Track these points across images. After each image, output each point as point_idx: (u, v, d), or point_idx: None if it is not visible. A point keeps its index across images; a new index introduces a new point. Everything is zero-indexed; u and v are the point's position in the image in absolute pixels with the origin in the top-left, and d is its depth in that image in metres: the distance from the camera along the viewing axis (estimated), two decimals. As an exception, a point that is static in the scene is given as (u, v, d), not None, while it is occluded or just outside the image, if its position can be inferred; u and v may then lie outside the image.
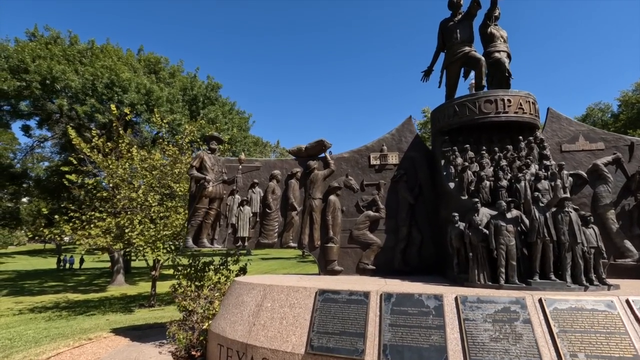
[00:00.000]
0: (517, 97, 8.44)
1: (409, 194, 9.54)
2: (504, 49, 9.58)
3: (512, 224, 6.55)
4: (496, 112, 8.39)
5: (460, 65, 9.70)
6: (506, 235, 6.46)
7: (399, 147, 10.15)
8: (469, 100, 8.69)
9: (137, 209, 18.30)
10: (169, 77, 33.17)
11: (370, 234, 9.62)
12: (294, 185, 10.04)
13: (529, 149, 8.46)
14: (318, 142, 10.10)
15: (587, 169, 8.99)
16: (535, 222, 6.34)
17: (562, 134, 9.46)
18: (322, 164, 10.27)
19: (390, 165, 10.04)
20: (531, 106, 8.60)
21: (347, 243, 9.68)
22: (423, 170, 9.77)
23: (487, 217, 7.09)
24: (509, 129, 8.96)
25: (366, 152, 10.22)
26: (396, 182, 9.80)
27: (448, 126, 9.05)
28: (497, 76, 9.37)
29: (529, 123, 8.64)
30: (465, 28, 9.65)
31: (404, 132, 10.25)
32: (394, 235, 9.53)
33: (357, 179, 10.09)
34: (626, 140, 9.23)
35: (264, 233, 9.85)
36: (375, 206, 9.76)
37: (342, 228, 9.75)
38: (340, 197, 9.96)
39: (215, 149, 9.83)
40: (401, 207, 9.60)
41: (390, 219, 9.65)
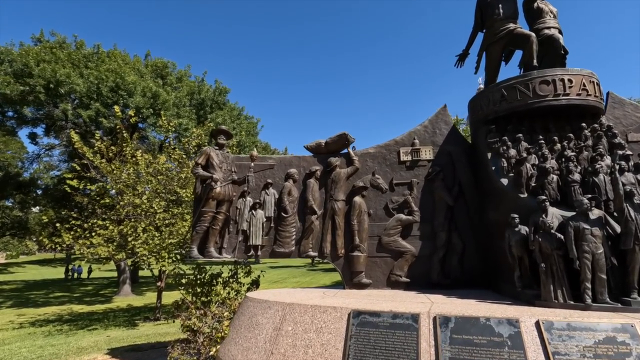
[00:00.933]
0: (580, 76, 7.10)
1: (446, 194, 8.20)
2: (555, 25, 8.27)
3: (597, 226, 5.17)
4: (555, 95, 7.05)
5: (504, 45, 8.41)
6: (591, 241, 5.08)
7: (433, 140, 8.84)
8: (520, 82, 7.36)
9: (142, 216, 17.21)
10: (176, 81, 32.48)
11: (402, 240, 8.28)
12: (313, 186, 8.78)
13: (597, 138, 7.08)
14: (340, 136, 8.85)
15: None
16: (631, 224, 4.96)
17: (627, 122, 8.06)
18: (344, 161, 9.00)
19: (424, 162, 8.72)
20: (595, 87, 7.24)
21: (375, 252, 8.35)
22: (463, 166, 8.42)
23: (557, 219, 5.72)
24: (567, 115, 7.60)
25: (395, 146, 8.94)
26: (431, 181, 8.48)
27: (494, 113, 7.73)
28: (550, 55, 8.04)
29: (594, 107, 7.27)
30: (508, 3, 8.38)
31: (439, 124, 8.94)
32: (430, 242, 8.18)
33: (386, 177, 8.79)
34: None
35: (279, 240, 8.57)
36: (407, 209, 8.43)
37: (369, 234, 8.43)
38: (367, 198, 8.67)
39: (223, 145, 8.63)
40: (438, 210, 8.25)
41: (426, 224, 8.31)
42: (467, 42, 9.37)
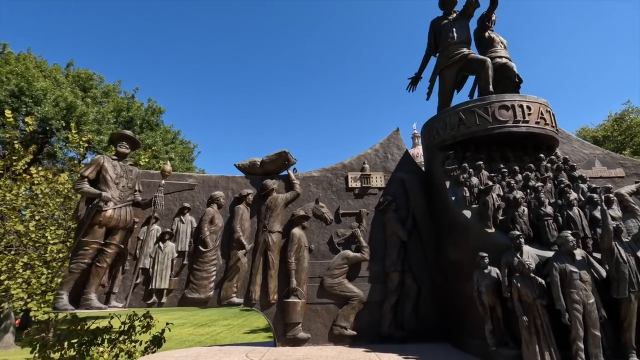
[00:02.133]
0: (537, 104, 6.67)
1: (400, 228, 7.06)
2: (506, 54, 8.04)
3: (585, 269, 4.25)
4: (515, 121, 6.48)
5: (459, 70, 7.92)
6: (581, 288, 4.12)
7: (385, 166, 7.82)
8: (479, 106, 6.73)
9: (27, 247, 13.64)
10: (102, 96, 29.00)
11: (348, 283, 6.84)
12: (243, 213, 7.10)
13: (556, 170, 6.57)
14: (279, 154, 7.42)
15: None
16: (624, 267, 4.11)
17: (576, 158, 7.83)
18: (283, 185, 7.53)
19: (374, 189, 7.59)
20: (552, 117, 6.86)
21: (316, 297, 6.77)
22: (417, 196, 7.44)
23: (534, 259, 4.76)
24: (523, 145, 7.10)
25: (343, 170, 7.73)
26: (382, 212, 7.33)
27: (452, 139, 6.96)
28: (502, 83, 7.67)
29: (551, 138, 6.84)
30: (462, 28, 8.02)
31: (391, 148, 8.00)
32: (381, 286, 6.86)
33: (331, 206, 7.45)
34: (647, 167, 7.86)
35: (193, 283, 6.60)
36: (355, 244, 7.10)
37: (309, 275, 6.87)
38: (308, 230, 7.19)
39: (125, 154, 6.56)
40: (390, 246, 7.05)
41: (376, 262, 7.01)
42: (420, 65, 8.84)
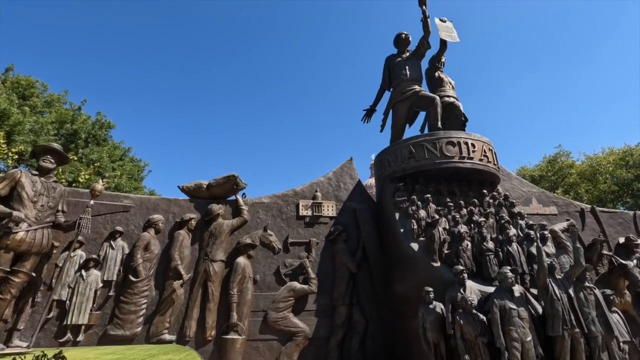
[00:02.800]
0: (481, 142, 7.03)
1: (349, 259, 6.89)
2: (454, 94, 8.54)
3: (523, 305, 4.30)
4: (460, 157, 6.75)
5: (410, 106, 8.23)
6: (519, 325, 4.13)
7: (337, 195, 7.73)
8: (428, 140, 6.96)
9: None
10: (44, 105, 26.86)
11: (294, 317, 6.46)
12: (184, 239, 6.56)
13: (498, 206, 6.85)
14: (228, 178, 7.07)
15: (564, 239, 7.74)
16: (557, 304, 4.21)
17: (515, 195, 8.30)
18: (230, 210, 7.13)
19: (326, 218, 7.43)
20: (494, 156, 7.25)
21: (258, 333, 6.28)
22: (368, 226, 7.37)
23: (476, 295, 4.77)
24: (469, 181, 7.40)
25: (294, 197, 7.52)
26: (333, 242, 7.15)
27: (402, 171, 7.07)
28: (450, 121, 8.07)
29: (493, 175, 7.19)
30: (414, 66, 8.44)
31: (344, 177, 7.97)
32: (328, 320, 6.54)
33: (280, 234, 7.15)
34: (576, 206, 8.48)
35: (118, 317, 5.85)
36: (303, 275, 6.80)
37: (253, 308, 6.40)
38: (254, 260, 6.79)
39: (49, 170, 5.82)
40: (339, 278, 6.82)
41: (324, 295, 6.73)
42: (375, 98, 9.11)
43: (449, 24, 8.60)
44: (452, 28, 8.54)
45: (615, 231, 8.13)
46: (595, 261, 7.66)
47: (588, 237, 7.95)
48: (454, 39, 8.40)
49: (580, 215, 8.24)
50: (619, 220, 8.32)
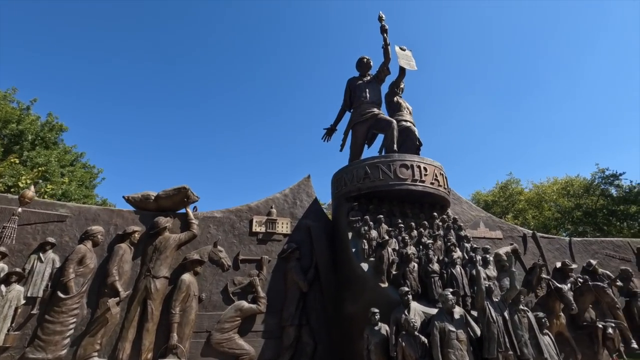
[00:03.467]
0: (433, 166, 7.30)
1: (301, 278, 6.77)
2: (411, 119, 8.89)
3: (462, 328, 4.39)
4: (413, 180, 6.96)
5: (368, 127, 8.46)
6: (457, 348, 4.20)
7: (293, 212, 7.66)
8: (383, 162, 7.13)
9: None
10: (-14, 102, 24.82)
11: (239, 339, 6.18)
12: (124, 254, 6.15)
13: (447, 229, 7.08)
14: (178, 190, 6.78)
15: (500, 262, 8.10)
16: (493, 326, 4.34)
17: (465, 218, 8.66)
18: (179, 224, 6.82)
19: (279, 236, 7.30)
20: (445, 180, 7.55)
21: (200, 355, 5.93)
22: (322, 245, 7.33)
23: (420, 317, 4.82)
24: (421, 204, 7.62)
25: (248, 213, 7.34)
26: (285, 260, 7.01)
27: (357, 191, 7.16)
28: (406, 145, 8.35)
29: (443, 199, 7.46)
30: (374, 90, 8.74)
31: (300, 194, 7.93)
32: (276, 342, 6.33)
33: (231, 251, 6.91)
34: (519, 232, 8.97)
35: (40, 339, 5.29)
36: (252, 294, 6.58)
37: (195, 329, 6.06)
38: (201, 277, 6.48)
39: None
40: (289, 297, 6.67)
41: (273, 315, 6.53)
42: (335, 118, 9.28)
43: (408, 53, 9.03)
44: (410, 56, 8.97)
45: (553, 256, 8.67)
46: (535, 284, 8.10)
47: (529, 261, 8.41)
48: (412, 67, 8.81)
49: (523, 240, 8.72)
50: (556, 245, 8.89)
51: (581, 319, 7.60)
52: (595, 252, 9.03)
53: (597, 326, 7.32)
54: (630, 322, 8.38)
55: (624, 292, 8.67)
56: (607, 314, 7.80)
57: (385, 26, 8.65)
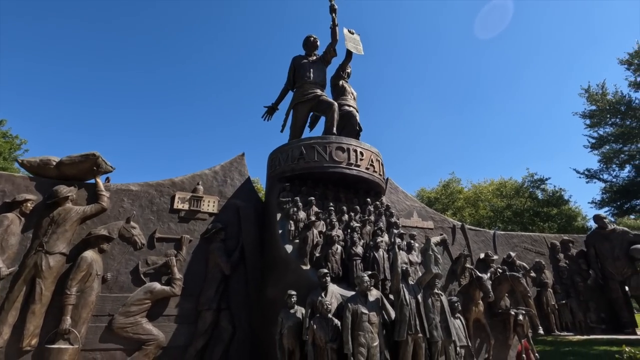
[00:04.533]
0: (369, 152, 7.19)
1: (223, 260, 6.34)
2: (354, 105, 8.72)
3: (375, 310, 4.27)
4: (348, 163, 6.79)
5: (310, 108, 8.16)
6: (368, 330, 4.07)
7: (222, 190, 7.16)
8: (319, 143, 6.87)
9: None
10: None
11: (147, 324, 5.62)
12: (11, 225, 5.28)
13: (378, 215, 7.03)
14: (86, 157, 5.98)
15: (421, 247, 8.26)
16: (406, 309, 4.27)
17: (400, 207, 8.75)
18: (85, 196, 6.04)
19: (205, 214, 6.79)
20: (380, 167, 7.49)
21: (98, 341, 5.30)
22: (250, 226, 6.94)
23: (337, 299, 4.65)
24: (355, 189, 7.50)
25: (171, 188, 6.72)
26: (208, 241, 6.53)
27: (291, 171, 6.84)
28: (347, 129, 8.18)
29: (378, 185, 7.41)
30: (319, 70, 8.43)
31: (232, 173, 7.44)
32: (190, 327, 5.87)
33: (147, 228, 6.28)
34: (449, 223, 9.28)
35: None
36: (167, 275, 6.03)
37: (96, 312, 5.40)
38: (107, 255, 5.80)
39: None
40: (209, 280, 6.22)
41: (189, 299, 6.04)
42: (278, 97, 8.87)
43: (356, 36, 8.83)
44: (358, 40, 8.78)
45: (478, 247, 9.08)
46: (459, 273, 8.42)
47: (456, 251, 8.72)
48: (359, 51, 8.62)
49: (452, 231, 9.01)
50: (482, 237, 9.33)
51: (497, 307, 8.03)
52: (515, 245, 9.63)
53: (510, 313, 7.76)
54: (540, 310, 9.09)
55: (536, 283, 9.38)
56: (520, 302, 8.33)
57: (334, 6, 8.36)
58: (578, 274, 9.79)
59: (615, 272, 9.53)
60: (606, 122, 20.83)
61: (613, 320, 9.46)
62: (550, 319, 9.01)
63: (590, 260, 10.00)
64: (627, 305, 9.49)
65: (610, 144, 20.87)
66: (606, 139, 20.81)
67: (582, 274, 9.84)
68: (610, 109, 20.24)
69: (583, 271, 9.92)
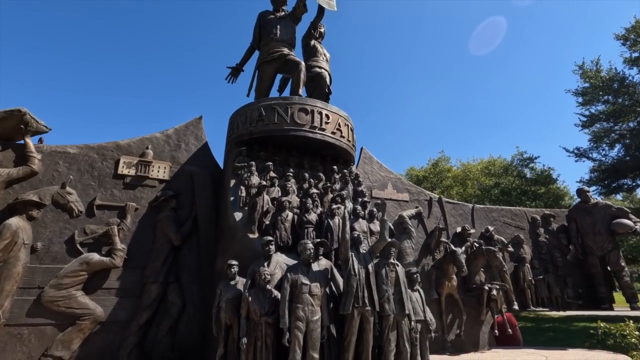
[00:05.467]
0: (337, 115, 6.59)
1: (173, 230, 5.82)
2: (326, 67, 8.04)
3: (318, 281, 3.80)
4: (312, 126, 6.19)
5: (276, 69, 7.47)
6: (308, 303, 3.61)
7: (175, 156, 6.56)
8: (280, 104, 6.25)
9: None
10: None
11: (83, 297, 5.14)
12: None
13: (344, 183, 6.51)
14: (11, 113, 5.31)
15: (394, 220, 7.82)
16: (353, 280, 3.81)
17: (374, 179, 8.24)
18: (12, 157, 5.40)
19: (154, 181, 6.21)
20: (350, 132, 6.91)
21: (25, 316, 4.82)
22: (205, 194, 6.39)
23: (281, 269, 4.17)
24: (323, 157, 6.95)
25: (115, 152, 6.10)
26: (157, 209, 5.99)
27: (249, 134, 6.24)
28: (317, 92, 7.54)
29: (346, 152, 6.84)
30: (287, 27, 7.68)
31: (187, 137, 6.81)
32: (134, 301, 5.40)
33: (86, 194, 5.70)
34: (426, 195, 8.81)
35: None
36: (108, 245, 5.50)
37: (23, 284, 4.89)
38: (38, 222, 5.23)
39: None
40: (156, 251, 5.72)
41: (134, 271, 5.56)
42: (243, 57, 8.13)
43: (329, -9, 8.03)
44: (331, -5, 7.99)
45: (455, 221, 8.66)
46: (434, 247, 8.02)
47: (432, 224, 8.29)
48: (332, 7, 7.87)
49: (429, 204, 8.57)
50: (460, 211, 8.91)
51: (472, 282, 7.69)
52: (495, 219, 9.23)
53: (483, 288, 7.43)
54: (516, 285, 8.80)
55: (514, 258, 9.05)
56: (496, 277, 8.00)
57: (303, -45, 7.54)
58: (558, 248, 9.47)
59: (596, 247, 9.21)
60: (598, 100, 20.34)
61: (590, 296, 9.23)
62: (527, 294, 8.72)
63: (571, 235, 9.67)
64: (606, 281, 9.24)
65: (602, 122, 20.45)
66: (597, 117, 20.37)
67: (562, 249, 9.52)
68: (603, 86, 19.70)
69: (563, 246, 9.60)
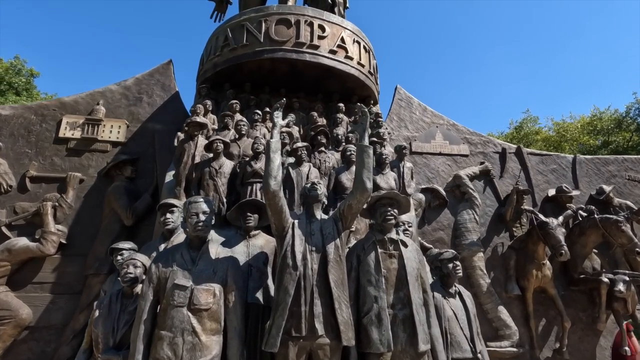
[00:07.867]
0: (339, 27, 4.42)
1: (123, 205, 4.35)
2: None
3: (220, 279, 1.83)
4: (296, 43, 4.15)
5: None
6: (184, 328, 1.67)
7: (134, 111, 5.08)
8: (250, 18, 4.31)
9: None
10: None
11: (7, 294, 3.98)
12: None
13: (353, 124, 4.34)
14: None
15: (447, 183, 5.41)
16: (290, 277, 1.74)
17: (414, 127, 5.86)
18: None
19: (105, 144, 4.83)
20: (363, 54, 4.67)
21: None
22: (169, 158, 4.82)
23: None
24: (325, 93, 4.85)
25: (58, 111, 4.84)
26: (109, 180, 4.59)
27: (212, 68, 4.48)
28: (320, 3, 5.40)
29: (358, 83, 4.63)
30: None
31: (151, 87, 5.27)
32: (73, 298, 4.10)
33: (19, 164, 4.54)
34: (496, 146, 6.10)
35: None
36: (39, 227, 4.24)
37: None
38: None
39: None
40: (103, 233, 4.35)
41: (75, 260, 4.25)
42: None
43: None
44: None
45: (545, 180, 5.83)
46: (512, 219, 5.39)
47: (508, 186, 5.63)
48: None
49: (501, 158, 5.90)
50: (552, 166, 5.99)
51: (578, 270, 4.95)
52: (613, 175, 6.05)
53: (601, 280, 4.65)
54: (657, 275, 5.67)
55: (651, 232, 5.86)
56: (620, 262, 5.11)
57: None
58: None
59: None
60: None
61: None
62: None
63: None
64: None
65: None
66: None
67: None
68: None
69: None
